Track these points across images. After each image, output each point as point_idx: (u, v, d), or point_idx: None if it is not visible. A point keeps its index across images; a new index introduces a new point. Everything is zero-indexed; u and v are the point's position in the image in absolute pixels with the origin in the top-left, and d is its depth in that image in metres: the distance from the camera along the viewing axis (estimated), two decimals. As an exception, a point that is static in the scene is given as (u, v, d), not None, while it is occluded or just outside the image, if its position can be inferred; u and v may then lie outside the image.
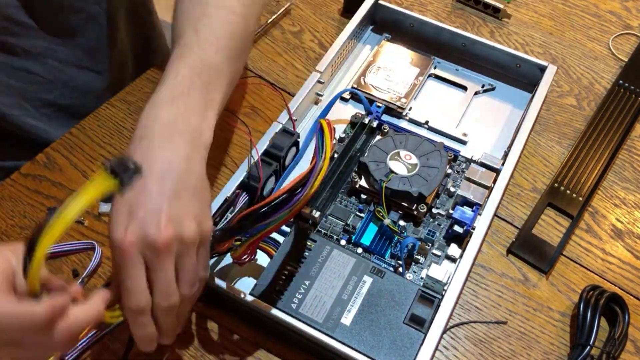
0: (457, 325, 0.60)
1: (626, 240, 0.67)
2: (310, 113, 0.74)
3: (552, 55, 0.84)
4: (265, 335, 0.58)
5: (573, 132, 0.76)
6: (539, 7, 0.91)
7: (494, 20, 0.88)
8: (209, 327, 0.58)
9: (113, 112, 0.75)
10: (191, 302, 0.49)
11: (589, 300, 0.58)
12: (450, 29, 0.79)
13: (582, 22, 0.89)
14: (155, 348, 0.48)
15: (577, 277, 0.64)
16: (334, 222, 0.63)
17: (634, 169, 0.73)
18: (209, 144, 0.51)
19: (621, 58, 0.84)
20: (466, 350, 0.58)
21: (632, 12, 0.91)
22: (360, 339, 0.54)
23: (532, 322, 0.60)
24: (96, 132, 0.72)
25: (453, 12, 0.89)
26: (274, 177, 0.65)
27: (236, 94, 0.77)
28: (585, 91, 0.80)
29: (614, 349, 0.57)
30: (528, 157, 0.73)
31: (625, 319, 0.58)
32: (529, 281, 0.63)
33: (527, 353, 0.58)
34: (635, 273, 0.64)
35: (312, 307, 0.56)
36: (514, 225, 0.67)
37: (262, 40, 0.84)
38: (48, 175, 0.68)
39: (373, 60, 0.79)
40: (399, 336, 0.54)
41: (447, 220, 0.64)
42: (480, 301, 0.61)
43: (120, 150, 0.71)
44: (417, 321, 0.55)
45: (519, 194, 0.70)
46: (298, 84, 0.78)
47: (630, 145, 0.75)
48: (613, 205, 0.70)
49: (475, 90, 0.77)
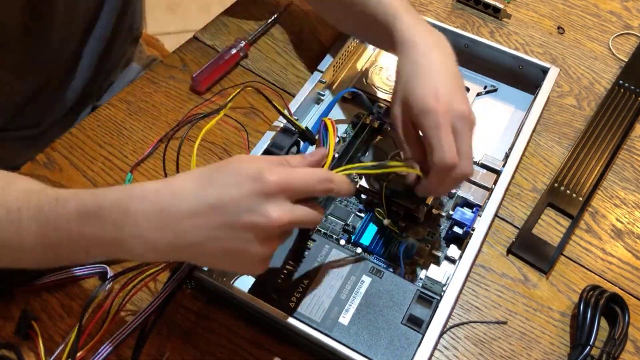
0: (457, 326, 0.60)
1: (626, 240, 0.67)
2: (312, 113, 0.74)
3: (552, 55, 0.84)
4: (265, 335, 0.58)
5: (573, 132, 0.76)
6: (539, 7, 0.91)
7: (494, 20, 0.88)
8: (208, 327, 0.58)
9: (113, 112, 0.75)
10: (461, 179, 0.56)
11: (589, 300, 0.58)
12: (452, 29, 0.78)
13: (582, 22, 0.89)
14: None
15: (577, 277, 0.64)
16: (333, 222, 0.63)
17: (634, 169, 0.73)
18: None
19: (621, 58, 0.84)
20: (466, 350, 0.58)
21: (632, 12, 0.91)
22: (358, 338, 0.54)
23: (532, 322, 0.60)
24: (96, 132, 0.72)
25: (453, 12, 0.89)
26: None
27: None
28: (585, 91, 0.80)
29: (614, 349, 0.56)
30: (528, 157, 0.73)
31: (625, 319, 0.58)
32: (529, 281, 0.63)
33: (527, 353, 0.58)
34: (635, 273, 0.64)
35: (310, 306, 0.56)
36: (514, 225, 0.67)
37: (262, 40, 0.84)
38: (48, 175, 0.68)
39: (375, 61, 0.78)
40: (396, 336, 0.54)
41: (447, 221, 0.64)
42: (480, 301, 0.61)
43: (120, 150, 0.71)
44: (415, 322, 0.55)
45: (519, 194, 0.70)
46: (298, 84, 0.78)
47: (630, 145, 0.75)
48: (613, 205, 0.70)
49: (478, 92, 0.77)
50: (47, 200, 0.46)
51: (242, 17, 0.87)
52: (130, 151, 0.71)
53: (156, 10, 0.88)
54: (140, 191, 0.45)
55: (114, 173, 0.69)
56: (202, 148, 0.72)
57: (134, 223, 0.43)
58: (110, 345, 0.51)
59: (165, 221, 0.43)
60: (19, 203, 0.46)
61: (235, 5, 0.89)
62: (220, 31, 0.85)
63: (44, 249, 0.47)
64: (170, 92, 0.77)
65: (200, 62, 0.80)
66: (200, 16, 1.96)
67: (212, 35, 0.84)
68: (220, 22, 0.86)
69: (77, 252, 0.47)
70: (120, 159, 0.70)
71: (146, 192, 0.44)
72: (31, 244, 0.46)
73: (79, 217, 0.45)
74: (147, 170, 0.69)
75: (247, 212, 0.42)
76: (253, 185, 0.43)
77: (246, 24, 0.86)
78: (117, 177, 0.68)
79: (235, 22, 0.86)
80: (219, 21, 0.86)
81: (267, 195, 0.43)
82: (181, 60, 0.81)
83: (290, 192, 0.44)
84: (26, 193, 0.48)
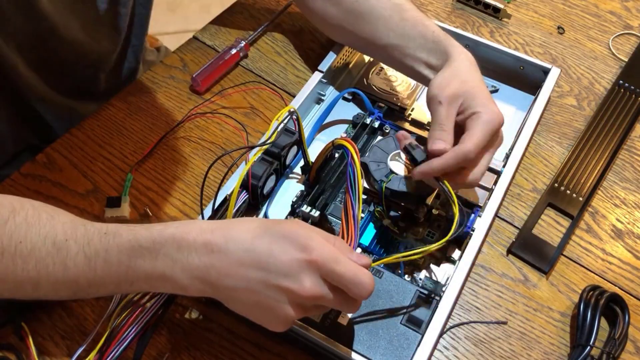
0: (457, 326, 0.60)
1: (626, 240, 0.67)
2: (312, 113, 0.74)
3: (552, 56, 0.84)
4: (264, 335, 0.58)
5: (573, 132, 0.76)
6: (539, 7, 0.91)
7: (494, 20, 0.88)
8: (209, 327, 0.58)
9: (113, 112, 0.75)
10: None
11: (589, 300, 0.58)
12: (453, 29, 0.78)
13: (582, 22, 0.89)
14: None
15: (577, 277, 0.64)
16: (333, 222, 0.63)
17: (634, 169, 0.73)
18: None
19: (621, 58, 0.84)
20: (466, 350, 0.58)
21: (632, 12, 0.91)
22: (357, 338, 0.54)
23: (532, 322, 0.60)
24: (96, 132, 0.72)
25: (453, 12, 0.89)
26: (275, 175, 0.65)
27: (236, 94, 0.77)
28: (585, 91, 0.80)
29: (614, 349, 0.56)
30: (528, 157, 0.73)
31: (625, 319, 0.58)
32: (529, 281, 0.63)
33: (528, 353, 0.58)
34: (635, 273, 0.64)
35: (311, 307, 0.56)
36: (514, 225, 0.67)
37: (262, 40, 0.84)
38: (48, 175, 0.68)
39: (375, 61, 0.78)
40: (396, 336, 0.54)
41: (447, 221, 0.64)
42: (480, 301, 0.61)
43: (120, 150, 0.71)
44: (415, 322, 0.55)
45: (519, 194, 0.70)
46: (298, 84, 0.78)
47: (630, 145, 0.75)
48: (613, 206, 0.70)
49: (477, 91, 0.77)
50: (95, 233, 0.47)
51: (242, 17, 0.87)
52: (130, 151, 0.71)
53: (156, 10, 0.88)
54: (195, 229, 0.47)
55: (114, 173, 0.69)
56: (202, 148, 0.72)
57: (186, 258, 0.46)
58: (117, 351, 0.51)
59: (213, 262, 0.46)
60: (67, 235, 0.47)
61: (235, 5, 0.89)
62: (220, 31, 0.85)
63: (88, 281, 0.47)
64: (170, 92, 0.77)
65: (200, 62, 0.80)
66: (200, 16, 1.96)
67: (212, 35, 0.84)
68: (220, 22, 0.86)
69: (121, 284, 0.48)
70: (120, 159, 0.70)
71: (201, 230, 0.47)
72: (76, 275, 0.47)
73: (131, 250, 0.46)
74: (147, 170, 0.69)
75: (284, 276, 0.45)
76: (299, 254, 0.45)
77: (246, 24, 0.86)
78: (117, 177, 0.68)
79: (235, 22, 0.86)
80: (219, 21, 0.86)
81: (307, 266, 0.45)
82: (181, 60, 0.81)
83: (327, 275, 0.45)
84: (72, 225, 0.48)
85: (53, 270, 0.47)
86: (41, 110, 0.77)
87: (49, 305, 0.58)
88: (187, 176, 0.69)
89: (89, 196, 0.67)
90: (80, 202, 0.66)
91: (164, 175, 0.69)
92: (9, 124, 0.74)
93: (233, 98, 0.77)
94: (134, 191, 0.67)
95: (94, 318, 0.58)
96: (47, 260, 0.47)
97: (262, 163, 0.63)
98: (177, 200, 0.67)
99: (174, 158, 0.71)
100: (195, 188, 0.68)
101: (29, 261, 0.46)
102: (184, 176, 0.69)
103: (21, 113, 0.75)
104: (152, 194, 0.67)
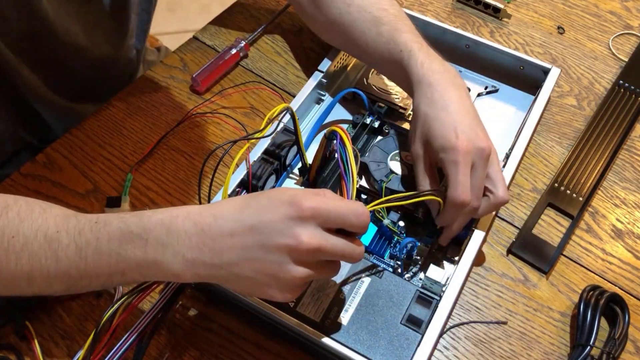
0: (457, 326, 0.60)
1: (626, 240, 0.67)
2: (312, 113, 0.74)
3: (552, 55, 0.84)
4: (264, 335, 0.58)
5: (573, 132, 0.76)
6: (539, 7, 0.91)
7: (494, 20, 0.88)
8: (209, 327, 0.58)
9: (113, 112, 0.75)
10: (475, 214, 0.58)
11: (589, 300, 0.58)
12: (453, 29, 0.78)
13: (582, 22, 0.89)
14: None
15: (577, 277, 0.64)
16: (333, 222, 0.63)
17: (634, 169, 0.73)
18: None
19: (621, 58, 0.84)
20: (466, 350, 0.58)
21: (632, 12, 0.91)
22: (357, 338, 0.54)
23: (532, 322, 0.60)
24: (96, 132, 0.72)
25: (453, 12, 0.89)
26: (275, 175, 0.65)
27: (236, 94, 0.77)
28: (585, 91, 0.80)
29: (614, 349, 0.56)
30: (528, 157, 0.73)
31: (625, 319, 0.58)
32: (529, 281, 0.63)
33: (528, 353, 0.58)
34: (635, 273, 0.64)
35: (309, 306, 0.56)
36: (514, 225, 0.67)
37: (262, 40, 0.84)
38: (48, 175, 0.68)
39: (373, 61, 0.78)
40: (396, 336, 0.54)
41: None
42: (480, 301, 0.61)
43: (120, 150, 0.71)
44: (415, 322, 0.55)
45: (519, 194, 0.70)
46: (298, 84, 0.78)
47: (630, 145, 0.75)
48: (613, 206, 0.70)
49: (478, 92, 0.77)
50: (86, 222, 0.47)
51: (242, 17, 0.87)
52: (130, 151, 0.71)
53: (156, 10, 0.88)
54: (183, 212, 0.47)
55: (114, 173, 0.69)
56: (202, 148, 0.72)
57: (176, 242, 0.45)
58: (118, 352, 0.51)
59: (205, 240, 0.45)
60: (58, 226, 0.47)
61: (235, 5, 0.89)
62: (220, 31, 0.85)
63: (79, 272, 0.47)
64: (170, 92, 0.77)
65: (200, 62, 0.80)
66: (200, 16, 1.96)
67: (212, 35, 0.84)
68: (220, 22, 0.86)
69: (113, 275, 0.48)
70: (120, 159, 0.70)
71: (189, 213, 0.46)
72: (67, 266, 0.47)
73: (122, 237, 0.46)
74: (147, 170, 0.69)
75: (279, 234, 0.44)
76: (287, 209, 0.45)
77: (246, 24, 0.86)
78: (117, 177, 0.68)
79: (235, 22, 0.86)
80: (219, 21, 0.86)
81: (300, 219, 0.44)
82: (181, 60, 0.81)
83: (323, 218, 0.45)
84: (64, 217, 0.48)
85: (46, 263, 0.47)
86: (41, 111, 0.77)
87: (49, 305, 0.58)
88: (187, 176, 0.69)
89: (89, 196, 0.67)
90: (80, 202, 0.66)
91: (164, 175, 0.69)
92: (8, 123, 0.74)
93: (233, 98, 0.77)
94: (134, 191, 0.67)
95: (94, 318, 0.58)
96: (40, 253, 0.47)
97: (262, 163, 0.63)
98: (177, 200, 0.67)
99: (174, 158, 0.71)
100: (196, 188, 0.68)
101: (22, 255, 0.46)
102: (184, 176, 0.69)
103: (21, 113, 0.75)
104: (152, 194, 0.67)
